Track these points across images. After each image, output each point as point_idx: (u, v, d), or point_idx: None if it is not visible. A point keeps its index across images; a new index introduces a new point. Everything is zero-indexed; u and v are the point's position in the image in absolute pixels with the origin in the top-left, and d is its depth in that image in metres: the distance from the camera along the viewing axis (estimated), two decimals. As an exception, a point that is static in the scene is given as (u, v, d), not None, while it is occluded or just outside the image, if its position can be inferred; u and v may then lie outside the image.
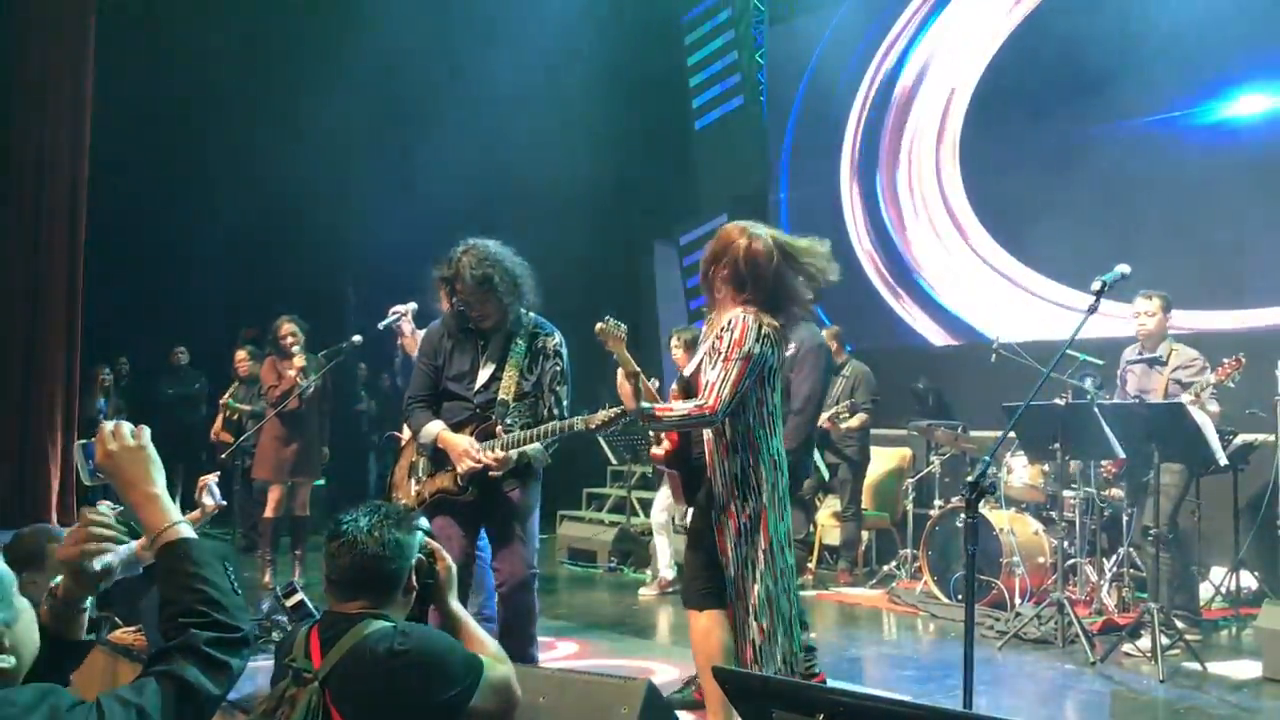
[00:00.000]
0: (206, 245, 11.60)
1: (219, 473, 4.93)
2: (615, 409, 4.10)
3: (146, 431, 1.97)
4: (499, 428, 4.30)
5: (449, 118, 10.99)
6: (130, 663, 4.34)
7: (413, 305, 5.91)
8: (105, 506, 4.09)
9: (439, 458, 4.39)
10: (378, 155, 11.98)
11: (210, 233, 11.56)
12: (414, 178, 11.28)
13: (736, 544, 3.71)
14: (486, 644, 2.51)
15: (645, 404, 3.72)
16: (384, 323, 6.01)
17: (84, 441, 2.00)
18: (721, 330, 3.74)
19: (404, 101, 11.47)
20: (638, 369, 3.79)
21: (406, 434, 4.87)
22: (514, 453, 4.24)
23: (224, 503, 3.41)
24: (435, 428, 4.38)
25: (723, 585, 3.83)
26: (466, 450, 4.24)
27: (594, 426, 4.16)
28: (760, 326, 3.69)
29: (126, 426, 1.95)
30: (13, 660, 1.56)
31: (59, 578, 1.95)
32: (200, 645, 1.70)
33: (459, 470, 4.29)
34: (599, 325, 3.82)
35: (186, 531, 1.86)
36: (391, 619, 2.36)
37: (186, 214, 11.40)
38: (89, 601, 1.94)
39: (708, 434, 3.79)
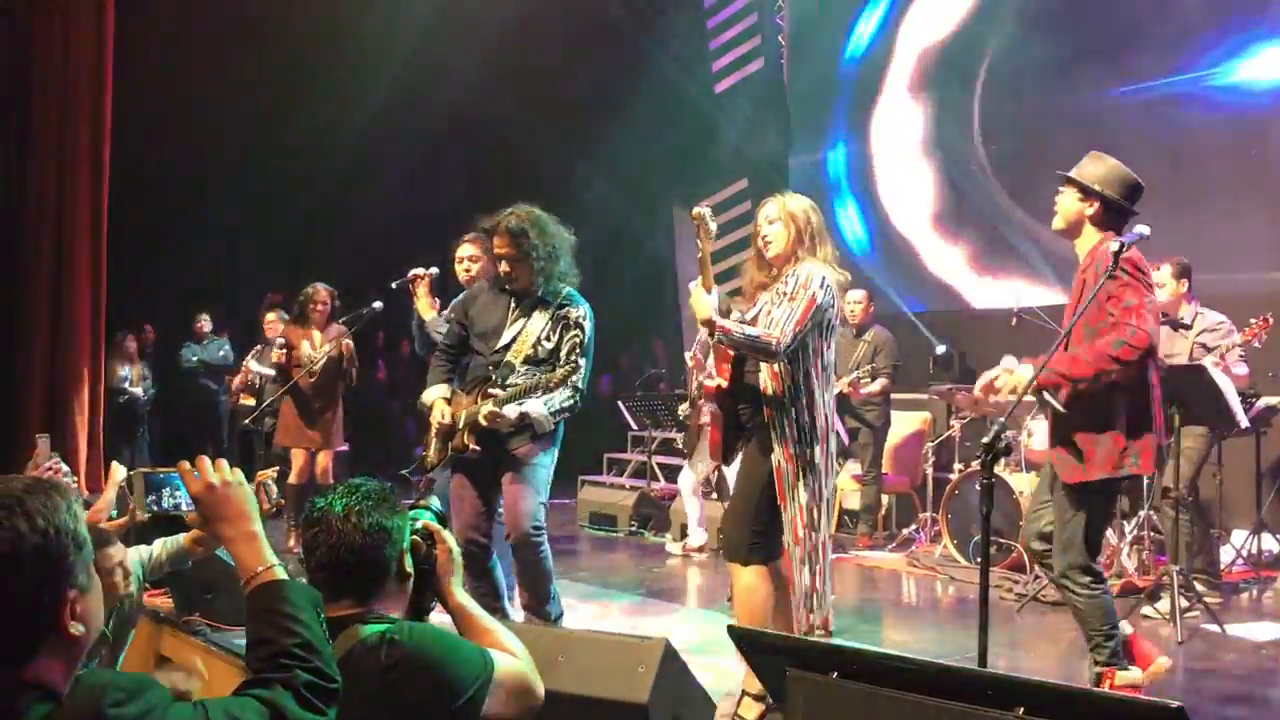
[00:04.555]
0: (231, 211, 11.65)
1: (276, 469, 5.05)
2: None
3: (239, 470, 1.93)
4: (493, 388, 4.40)
5: (466, 84, 10.96)
6: (173, 631, 4.38)
7: (434, 270, 5.94)
8: (121, 472, 4.12)
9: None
10: (403, 119, 11.96)
11: (235, 199, 11.61)
12: (438, 143, 11.29)
13: (796, 490, 3.76)
14: (499, 636, 2.26)
15: (717, 317, 3.80)
16: (396, 282, 6.05)
17: (147, 471, 1.91)
18: (788, 276, 3.88)
19: (427, 64, 11.44)
20: (713, 284, 3.89)
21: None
22: (490, 407, 4.30)
23: (281, 501, 3.45)
24: (431, 394, 4.59)
25: (768, 539, 3.88)
26: (437, 418, 4.49)
27: (554, 384, 4.31)
28: (825, 276, 3.85)
29: (224, 461, 1.92)
30: (81, 628, 1.54)
31: None
32: (300, 686, 1.67)
33: (432, 428, 4.54)
34: (696, 210, 3.90)
35: (282, 573, 1.83)
36: (386, 617, 2.12)
37: (211, 180, 11.45)
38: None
39: (765, 381, 3.85)
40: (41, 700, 1.47)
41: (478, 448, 4.40)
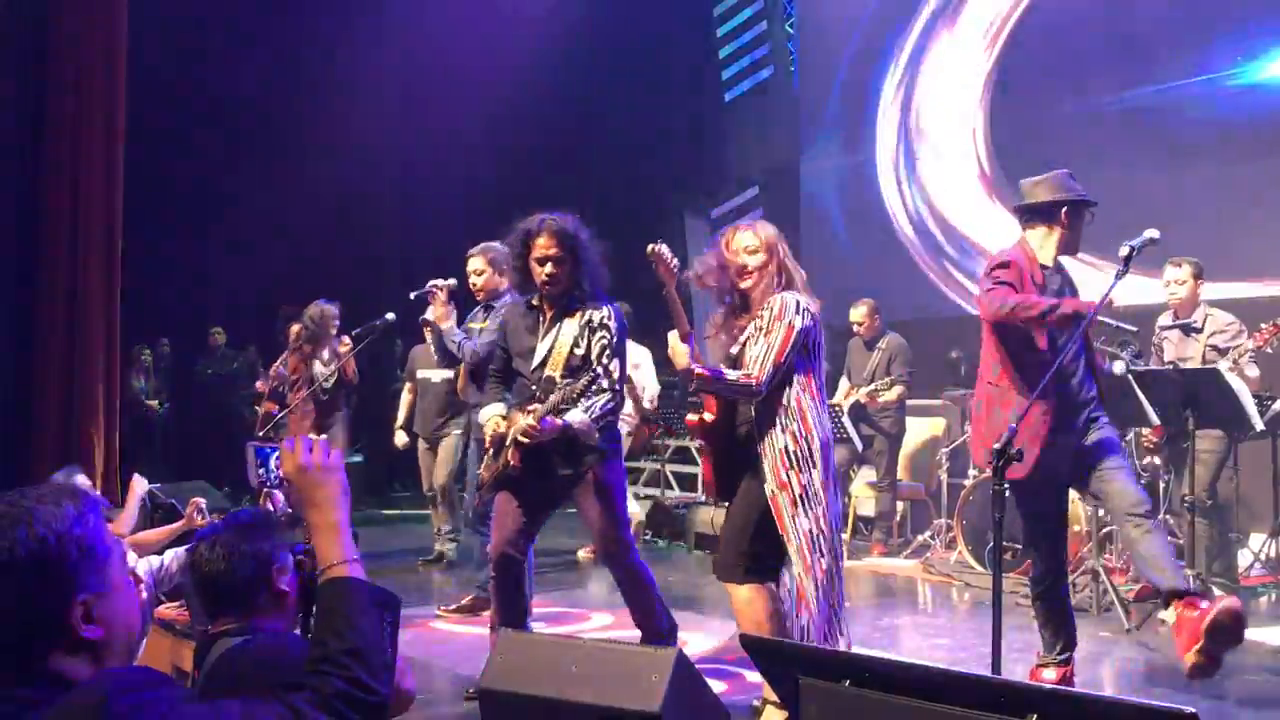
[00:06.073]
0: (244, 225, 11.70)
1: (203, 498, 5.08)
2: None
3: (339, 454, 1.88)
4: (536, 404, 4.30)
5: (480, 93, 11.00)
6: (191, 644, 4.39)
7: (452, 281, 5.95)
8: (142, 484, 4.14)
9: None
10: (414, 130, 12.01)
11: (248, 212, 11.66)
12: (449, 153, 11.32)
13: (796, 519, 3.72)
14: None
15: (695, 365, 3.74)
16: (415, 292, 6.06)
17: (257, 443, 2.02)
18: (763, 310, 3.83)
19: (438, 75, 11.49)
20: (689, 328, 3.83)
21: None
22: (527, 420, 4.17)
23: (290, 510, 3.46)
24: (487, 412, 4.49)
25: (761, 560, 3.84)
26: (491, 431, 4.37)
27: (582, 391, 4.19)
28: (798, 302, 3.79)
29: (324, 443, 1.87)
30: (98, 632, 1.54)
31: None
32: (330, 694, 1.59)
33: (486, 442, 4.46)
34: (651, 246, 3.82)
35: (356, 571, 1.76)
36: (249, 629, 2.27)
37: (225, 194, 11.51)
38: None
39: (757, 410, 3.80)
40: (63, 693, 1.48)
41: (518, 465, 4.28)
